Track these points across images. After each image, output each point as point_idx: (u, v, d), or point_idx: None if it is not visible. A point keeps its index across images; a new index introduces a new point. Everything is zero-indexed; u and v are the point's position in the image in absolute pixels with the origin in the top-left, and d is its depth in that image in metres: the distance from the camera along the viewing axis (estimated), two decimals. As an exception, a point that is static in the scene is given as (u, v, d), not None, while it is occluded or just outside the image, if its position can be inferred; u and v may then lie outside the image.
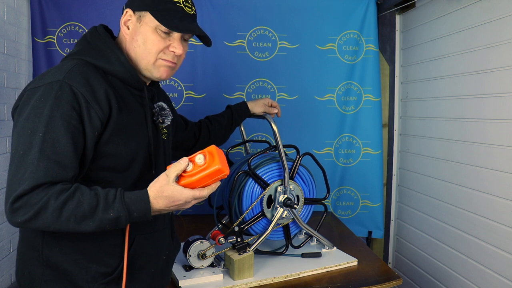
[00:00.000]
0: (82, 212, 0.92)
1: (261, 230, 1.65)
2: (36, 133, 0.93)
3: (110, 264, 1.07)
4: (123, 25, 1.13)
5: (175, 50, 1.11)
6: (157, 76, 1.14)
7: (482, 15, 1.82)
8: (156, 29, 1.08)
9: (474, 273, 1.88)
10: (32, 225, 0.92)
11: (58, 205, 0.90)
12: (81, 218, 0.92)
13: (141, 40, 1.09)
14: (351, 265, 1.67)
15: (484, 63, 1.82)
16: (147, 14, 1.08)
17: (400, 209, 2.60)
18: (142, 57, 1.10)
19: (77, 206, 0.92)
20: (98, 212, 0.93)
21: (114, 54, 1.09)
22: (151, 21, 1.08)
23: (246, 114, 1.74)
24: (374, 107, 2.54)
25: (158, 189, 0.98)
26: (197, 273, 1.49)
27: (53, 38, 2.22)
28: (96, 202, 0.94)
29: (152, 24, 1.08)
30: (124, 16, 1.12)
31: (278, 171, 1.65)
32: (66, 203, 0.92)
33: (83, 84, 0.99)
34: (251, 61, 2.44)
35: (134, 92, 1.13)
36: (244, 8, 2.42)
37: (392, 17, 2.57)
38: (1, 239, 1.89)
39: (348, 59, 2.52)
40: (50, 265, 1.04)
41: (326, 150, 2.57)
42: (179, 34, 1.11)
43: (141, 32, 1.09)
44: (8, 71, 1.95)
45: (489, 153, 1.80)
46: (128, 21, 1.12)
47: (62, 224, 0.92)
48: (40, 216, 0.91)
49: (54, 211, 0.91)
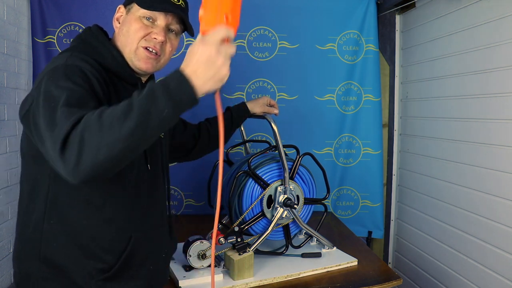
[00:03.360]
0: (121, 109, 0.81)
1: (261, 230, 1.65)
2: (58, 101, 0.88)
3: (107, 260, 1.06)
4: (115, 21, 1.17)
5: (157, 37, 1.10)
6: (139, 65, 1.12)
7: (482, 15, 1.82)
8: (140, 17, 1.11)
9: (474, 273, 1.88)
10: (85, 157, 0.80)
11: (96, 116, 0.82)
12: (122, 115, 0.80)
13: (125, 28, 1.12)
14: (351, 265, 1.67)
15: (484, 63, 1.82)
16: (134, 5, 1.12)
17: (400, 209, 2.60)
18: (126, 45, 1.11)
19: (114, 108, 0.83)
20: (133, 100, 0.82)
21: (106, 49, 1.10)
22: (136, 10, 1.11)
23: (246, 115, 1.72)
24: (374, 107, 2.54)
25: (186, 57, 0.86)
26: (197, 273, 1.49)
27: (53, 38, 2.22)
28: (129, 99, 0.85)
29: (137, 13, 1.11)
30: (117, 13, 1.17)
31: (278, 171, 1.65)
32: (103, 111, 0.83)
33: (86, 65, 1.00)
34: (251, 61, 2.44)
35: (128, 87, 1.14)
36: (244, 8, 2.37)
37: (392, 17, 2.57)
38: (1, 239, 1.89)
39: (348, 59, 2.52)
40: (47, 261, 1.04)
41: (326, 150, 2.57)
42: (162, 22, 1.12)
43: (127, 21, 1.12)
44: (8, 71, 1.95)
45: (489, 153, 1.80)
46: (120, 17, 1.16)
47: (109, 131, 0.79)
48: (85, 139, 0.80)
49: (95, 123, 0.80)
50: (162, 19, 1.12)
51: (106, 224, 1.06)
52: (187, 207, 2.47)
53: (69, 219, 1.04)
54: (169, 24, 1.13)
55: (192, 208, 2.48)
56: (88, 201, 1.04)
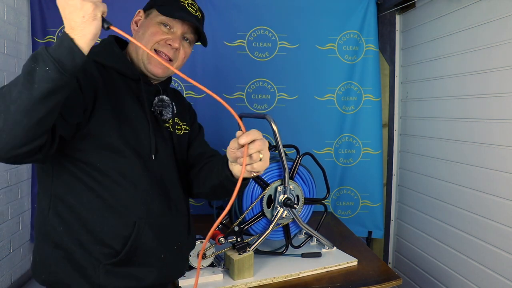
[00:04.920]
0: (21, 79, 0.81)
1: (261, 230, 1.65)
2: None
3: (113, 246, 1.07)
4: (133, 23, 1.22)
5: (172, 43, 1.14)
6: (150, 69, 1.16)
7: (482, 15, 1.82)
8: (158, 23, 1.15)
9: (474, 273, 1.88)
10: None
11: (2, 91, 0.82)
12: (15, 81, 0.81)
13: (142, 31, 1.16)
14: (351, 265, 1.67)
15: (484, 63, 1.82)
16: (154, 11, 1.17)
17: (400, 209, 2.60)
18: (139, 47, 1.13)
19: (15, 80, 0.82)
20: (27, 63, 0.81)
21: (109, 48, 1.15)
22: (156, 16, 1.16)
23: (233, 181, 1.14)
24: (374, 107, 2.54)
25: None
26: (197, 273, 1.49)
27: (53, 38, 2.22)
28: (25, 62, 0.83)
29: (156, 19, 1.15)
30: (136, 16, 1.22)
31: (278, 171, 1.65)
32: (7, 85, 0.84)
33: None
34: (251, 61, 2.44)
35: (131, 83, 1.16)
36: (244, 8, 2.42)
37: (392, 17, 2.57)
38: (1, 239, 1.89)
39: (348, 59, 2.52)
40: (58, 246, 1.06)
41: (326, 150, 2.57)
42: (179, 30, 1.16)
43: (145, 25, 1.17)
44: (8, 71, 1.95)
45: (489, 153, 1.80)
46: (138, 20, 1.21)
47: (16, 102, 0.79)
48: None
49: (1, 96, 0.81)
50: (179, 27, 1.16)
51: (108, 210, 1.07)
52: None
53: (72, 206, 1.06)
54: (184, 33, 1.18)
55: (192, 208, 2.47)
56: (88, 188, 1.06)
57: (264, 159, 0.93)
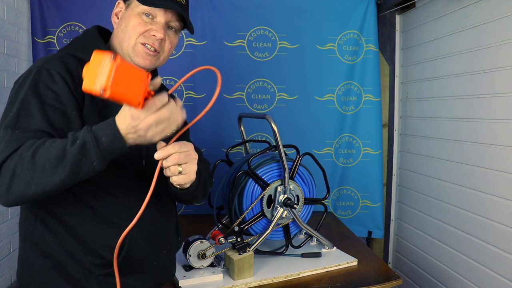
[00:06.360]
0: (55, 153, 0.85)
1: (261, 230, 1.65)
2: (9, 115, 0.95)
3: (105, 256, 1.05)
4: (113, 16, 1.15)
5: (156, 34, 1.08)
6: (137, 62, 1.10)
7: (483, 15, 1.82)
8: (139, 13, 1.09)
9: (474, 273, 1.88)
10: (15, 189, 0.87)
11: (30, 153, 0.86)
12: (55, 161, 0.85)
13: (124, 24, 1.10)
14: (351, 265, 1.67)
15: (485, 63, 1.82)
16: (133, 1, 1.10)
17: (400, 209, 2.60)
18: (124, 40, 1.10)
19: (49, 149, 0.87)
20: (67, 147, 0.86)
21: (95, 44, 1.10)
22: (136, 6, 1.10)
23: None
24: (374, 107, 2.54)
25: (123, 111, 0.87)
26: (197, 273, 1.49)
27: (53, 38, 2.22)
28: (66, 140, 0.88)
29: (136, 9, 1.09)
30: (116, 8, 1.15)
31: (278, 171, 1.65)
32: (38, 148, 0.87)
33: (60, 65, 1.02)
34: (251, 61, 2.44)
35: None
36: (244, 8, 2.42)
37: (392, 17, 2.57)
38: (1, 239, 1.89)
39: (348, 59, 2.52)
40: (47, 256, 1.04)
41: (326, 150, 2.57)
42: (162, 19, 1.10)
43: (125, 17, 1.11)
44: (8, 71, 1.95)
45: (489, 153, 1.80)
46: (119, 12, 1.15)
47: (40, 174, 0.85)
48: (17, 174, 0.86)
49: (28, 161, 0.86)
50: (161, 16, 1.10)
51: (99, 221, 1.05)
52: (187, 207, 2.47)
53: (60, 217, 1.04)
54: (168, 21, 1.12)
55: (192, 208, 2.48)
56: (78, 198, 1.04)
57: (186, 172, 0.96)
